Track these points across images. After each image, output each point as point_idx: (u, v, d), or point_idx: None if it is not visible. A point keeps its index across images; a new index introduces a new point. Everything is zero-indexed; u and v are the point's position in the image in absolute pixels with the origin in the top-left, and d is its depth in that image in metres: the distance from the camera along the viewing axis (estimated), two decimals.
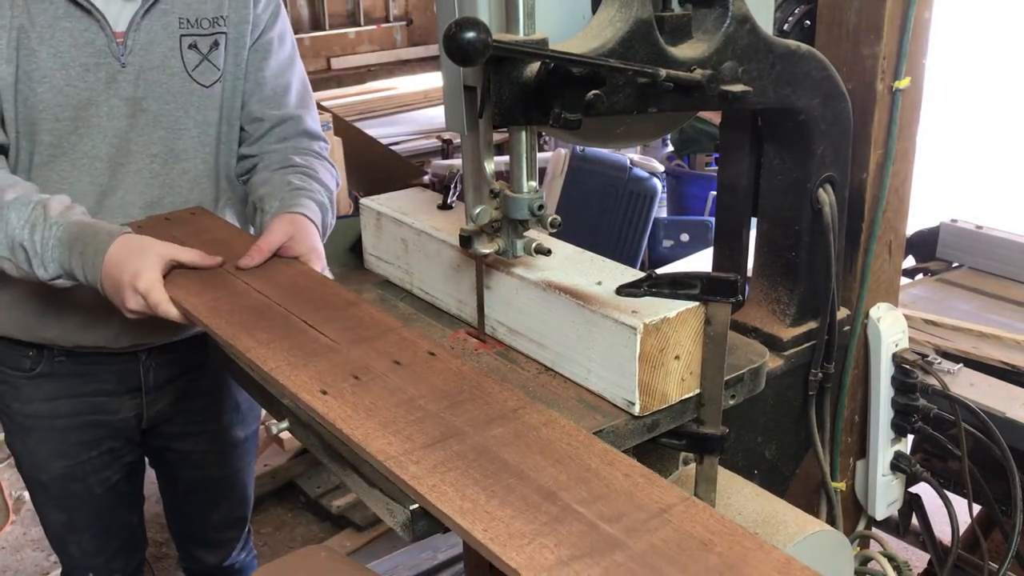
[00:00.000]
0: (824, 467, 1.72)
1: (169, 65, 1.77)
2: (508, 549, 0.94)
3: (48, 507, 2.04)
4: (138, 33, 1.73)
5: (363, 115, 7.03)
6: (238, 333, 1.40)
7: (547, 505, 1.01)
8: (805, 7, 1.67)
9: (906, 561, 1.74)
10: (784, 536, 1.36)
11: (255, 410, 2.20)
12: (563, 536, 0.96)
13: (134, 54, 1.73)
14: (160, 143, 1.80)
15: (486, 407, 1.18)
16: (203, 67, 1.81)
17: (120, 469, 2.03)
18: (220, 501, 2.22)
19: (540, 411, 1.18)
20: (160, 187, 1.82)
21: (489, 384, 1.24)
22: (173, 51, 1.77)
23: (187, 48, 1.79)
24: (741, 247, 1.73)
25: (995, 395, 1.77)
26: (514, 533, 0.96)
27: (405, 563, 3.05)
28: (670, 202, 5.49)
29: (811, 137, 1.52)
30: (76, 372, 1.90)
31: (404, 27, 8.84)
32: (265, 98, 1.91)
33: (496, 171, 1.32)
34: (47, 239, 1.56)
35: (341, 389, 1.24)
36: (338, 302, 1.48)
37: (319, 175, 1.87)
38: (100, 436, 1.96)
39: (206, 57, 1.81)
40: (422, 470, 1.07)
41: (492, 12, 1.21)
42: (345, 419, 1.18)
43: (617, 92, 1.22)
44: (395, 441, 1.12)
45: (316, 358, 1.33)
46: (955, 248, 2.38)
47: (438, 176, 5.05)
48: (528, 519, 0.98)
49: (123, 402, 1.96)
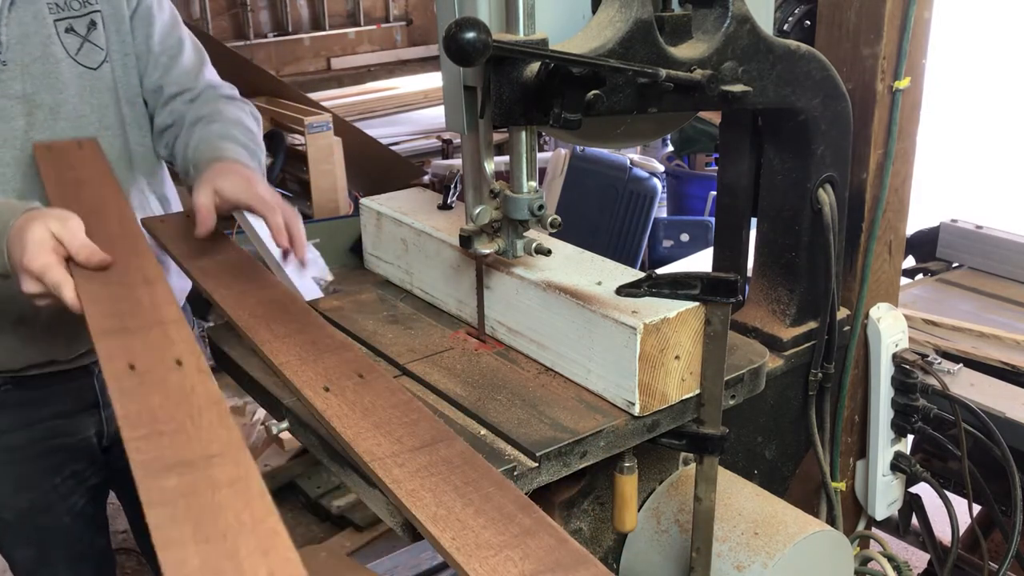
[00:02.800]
0: (824, 467, 1.72)
1: (51, 53, 1.70)
2: (473, 560, 0.94)
3: (15, 545, 1.94)
4: (10, 28, 1.66)
5: (363, 115, 7.02)
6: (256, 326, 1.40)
7: (521, 516, 1.00)
8: (805, 7, 1.67)
9: (906, 561, 1.74)
10: (784, 536, 1.36)
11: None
12: (530, 549, 0.95)
13: (11, 50, 1.66)
14: (63, 135, 1.73)
15: (182, 447, 1.02)
16: (86, 49, 1.74)
17: (85, 493, 1.95)
18: None
19: (239, 462, 1.01)
20: None
21: (210, 418, 1.07)
22: (51, 38, 1.70)
23: (64, 32, 1.72)
24: (741, 247, 1.73)
25: (995, 395, 1.77)
26: (482, 544, 0.96)
27: (405, 563, 3.04)
28: (670, 202, 5.49)
29: (811, 137, 1.52)
30: (27, 400, 1.82)
31: (404, 27, 8.85)
32: (160, 65, 1.84)
33: (496, 171, 1.32)
34: None
35: (343, 387, 1.24)
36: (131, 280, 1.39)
37: (226, 114, 1.80)
38: (61, 461, 1.88)
39: (86, 39, 1.74)
40: (405, 473, 1.07)
41: (492, 12, 1.21)
42: (340, 417, 1.17)
43: (617, 92, 1.22)
44: (384, 443, 1.12)
45: (328, 354, 1.32)
46: (955, 248, 2.38)
47: (438, 176, 5.05)
48: (499, 530, 0.98)
49: (82, 421, 1.88)
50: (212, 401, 1.08)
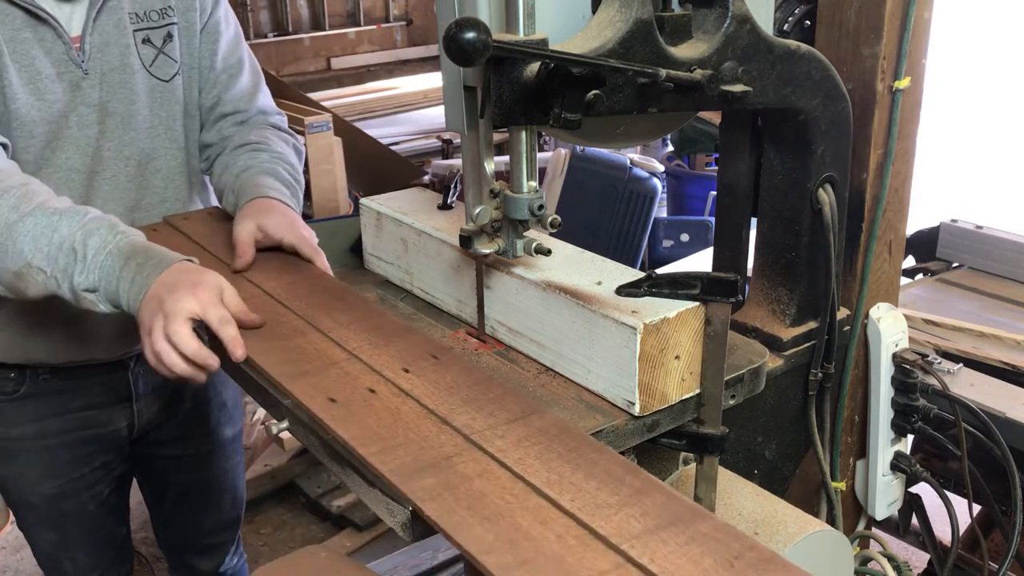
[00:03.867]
0: (824, 467, 1.72)
1: (128, 64, 1.72)
2: (597, 519, 0.96)
3: (38, 527, 1.98)
4: (93, 36, 1.67)
5: (363, 115, 7.03)
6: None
7: (630, 478, 1.02)
8: (805, 7, 1.67)
9: (906, 561, 1.74)
10: (784, 536, 1.36)
11: (239, 406, 2.17)
12: (647, 507, 0.97)
13: (93, 58, 1.68)
14: (131, 145, 1.75)
15: (419, 453, 1.11)
16: (160, 61, 1.76)
17: (111, 483, 1.99)
18: (212, 504, 2.18)
19: (477, 459, 1.10)
20: (136, 190, 1.78)
21: (427, 427, 1.16)
22: (129, 48, 1.71)
23: (142, 44, 1.73)
24: (741, 247, 1.73)
25: (995, 395, 1.77)
26: (601, 504, 0.98)
27: (405, 563, 3.04)
28: (670, 202, 5.49)
29: (811, 137, 1.52)
30: (63, 389, 1.84)
31: (404, 27, 8.85)
32: (220, 83, 1.86)
33: (496, 171, 1.32)
34: (106, 244, 1.42)
35: (422, 367, 1.28)
36: (285, 331, 1.44)
37: (273, 146, 1.83)
38: (92, 451, 1.92)
39: (161, 50, 1.76)
40: (508, 444, 1.10)
41: (492, 12, 1.21)
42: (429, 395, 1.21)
43: (617, 92, 1.22)
44: (479, 417, 1.15)
45: (396, 338, 1.36)
46: (955, 248, 2.38)
47: (438, 176, 5.05)
48: (612, 491, 0.99)
49: (114, 412, 1.91)
50: (421, 416, 1.18)
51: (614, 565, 0.92)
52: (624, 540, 0.94)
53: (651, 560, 0.92)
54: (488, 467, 1.07)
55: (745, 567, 0.91)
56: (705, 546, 0.94)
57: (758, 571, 0.91)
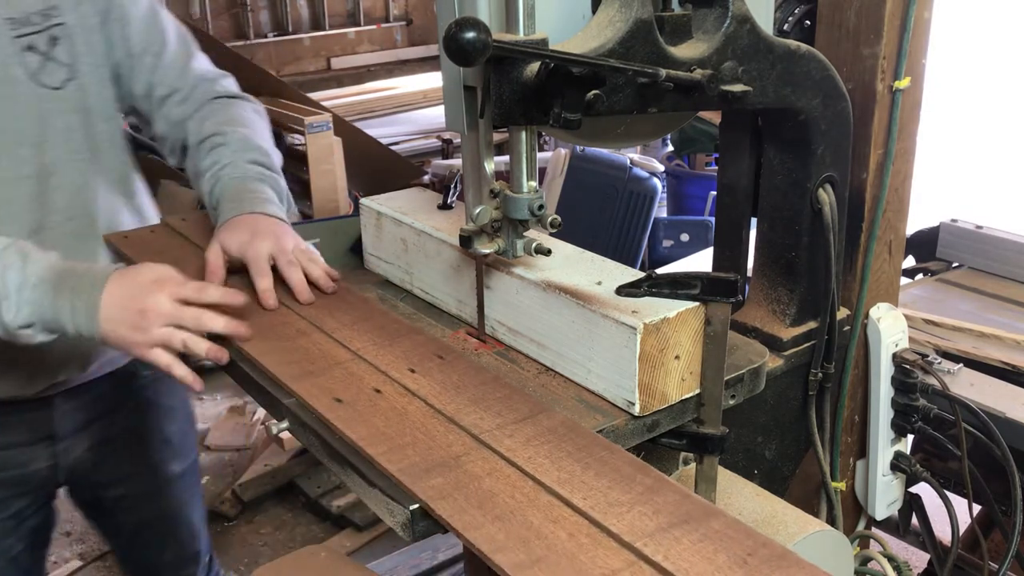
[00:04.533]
0: (824, 467, 1.72)
1: (10, 75, 1.56)
2: (609, 517, 0.96)
3: None
4: None
5: (363, 115, 7.03)
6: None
7: (641, 476, 1.02)
8: (805, 7, 1.67)
9: (906, 561, 1.74)
10: (784, 536, 1.36)
11: (189, 441, 2.06)
12: (659, 505, 0.97)
13: None
14: (26, 163, 1.59)
15: (427, 452, 1.11)
16: (48, 68, 1.59)
17: (23, 537, 1.82)
18: (169, 540, 2.06)
19: (486, 458, 1.11)
20: (38, 210, 1.63)
21: (435, 426, 1.17)
22: (10, 58, 1.56)
23: (26, 51, 1.57)
24: (741, 247, 1.73)
25: (995, 395, 1.77)
26: (612, 502, 0.98)
27: (405, 563, 3.05)
28: (670, 202, 5.49)
29: (811, 137, 1.52)
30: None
31: (404, 27, 8.86)
32: (146, 67, 1.71)
33: (496, 171, 1.32)
34: (27, 278, 1.35)
35: (428, 368, 1.28)
36: (288, 332, 1.43)
37: (231, 136, 1.69)
38: (5, 497, 1.77)
39: (47, 56, 1.59)
40: (517, 443, 1.10)
41: (492, 12, 1.21)
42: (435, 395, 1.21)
43: (617, 92, 1.22)
44: (487, 416, 1.15)
45: (400, 338, 1.37)
46: (955, 248, 2.38)
47: (438, 176, 5.05)
48: (624, 489, 1.00)
49: (35, 452, 1.78)
50: (429, 416, 1.18)
51: (627, 563, 0.92)
52: (637, 538, 0.94)
53: (665, 557, 0.92)
54: (497, 466, 1.08)
55: (759, 563, 0.92)
56: (718, 543, 0.94)
57: (771, 567, 0.91)
